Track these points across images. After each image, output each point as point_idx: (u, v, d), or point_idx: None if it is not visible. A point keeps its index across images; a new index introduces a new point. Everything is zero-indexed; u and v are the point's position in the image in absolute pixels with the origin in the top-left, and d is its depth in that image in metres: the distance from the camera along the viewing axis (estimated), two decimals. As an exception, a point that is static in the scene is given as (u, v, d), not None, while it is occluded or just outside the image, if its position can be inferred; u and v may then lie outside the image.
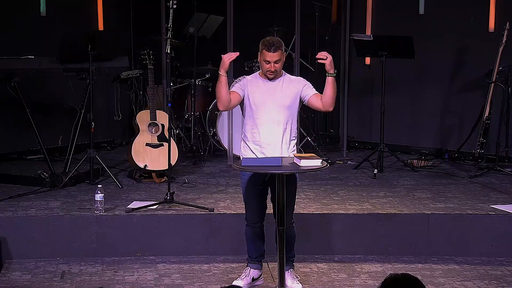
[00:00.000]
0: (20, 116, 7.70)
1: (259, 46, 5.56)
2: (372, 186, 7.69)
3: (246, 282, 5.81)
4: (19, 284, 5.90)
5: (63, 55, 7.92)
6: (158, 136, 7.69)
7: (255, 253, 5.83)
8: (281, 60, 5.52)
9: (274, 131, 5.57)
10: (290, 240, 5.71)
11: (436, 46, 8.94)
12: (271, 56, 5.47)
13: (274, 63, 5.48)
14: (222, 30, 9.00)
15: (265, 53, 5.49)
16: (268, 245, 6.43)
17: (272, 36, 9.08)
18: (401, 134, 9.32)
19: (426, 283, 5.62)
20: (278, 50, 5.47)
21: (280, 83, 5.59)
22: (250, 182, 5.64)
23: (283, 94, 5.57)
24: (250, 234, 5.79)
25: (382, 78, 8.30)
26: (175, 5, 6.96)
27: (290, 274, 5.79)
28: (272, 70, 5.50)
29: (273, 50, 5.47)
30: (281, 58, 5.51)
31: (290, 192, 5.57)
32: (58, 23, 8.78)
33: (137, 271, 6.16)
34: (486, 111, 8.08)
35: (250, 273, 5.84)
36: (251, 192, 5.67)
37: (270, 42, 5.50)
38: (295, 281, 5.78)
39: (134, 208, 6.65)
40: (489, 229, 6.61)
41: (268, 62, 5.49)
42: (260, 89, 5.58)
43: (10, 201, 6.93)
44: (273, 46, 5.47)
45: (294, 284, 5.77)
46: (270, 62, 5.49)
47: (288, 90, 5.58)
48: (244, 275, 5.84)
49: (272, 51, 5.47)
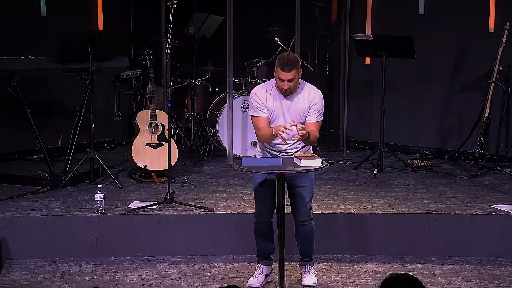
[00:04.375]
0: (20, 116, 7.70)
1: (276, 61, 5.51)
2: (372, 186, 7.68)
3: (261, 280, 5.84)
4: (19, 284, 5.90)
5: (63, 55, 7.92)
6: (158, 136, 7.69)
7: (264, 250, 5.85)
8: (295, 79, 5.46)
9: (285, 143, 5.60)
10: (309, 236, 5.79)
11: (436, 46, 8.94)
12: (285, 75, 5.41)
13: (287, 81, 5.44)
14: (222, 30, 9.00)
15: (279, 71, 5.44)
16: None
17: (272, 36, 9.12)
18: (401, 134, 9.32)
19: (426, 283, 5.64)
20: (293, 70, 5.40)
21: (295, 101, 5.55)
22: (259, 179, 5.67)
23: (296, 111, 5.56)
24: (257, 231, 5.81)
25: (382, 78, 8.30)
26: (175, 5, 6.96)
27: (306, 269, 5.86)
28: (286, 88, 5.46)
29: (287, 70, 5.40)
30: (296, 77, 5.45)
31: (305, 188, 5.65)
32: (58, 23, 8.78)
33: (137, 271, 6.16)
34: (486, 111, 8.08)
35: (263, 270, 5.87)
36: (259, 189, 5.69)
37: (285, 61, 5.42)
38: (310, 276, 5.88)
39: (134, 208, 6.65)
40: (489, 229, 6.61)
41: (282, 80, 5.45)
42: (275, 106, 5.56)
43: (10, 201, 6.93)
44: (288, 65, 5.39)
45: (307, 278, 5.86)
46: (284, 81, 5.44)
47: (303, 107, 5.55)
48: (257, 273, 5.87)
49: (286, 70, 5.41)
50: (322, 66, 9.92)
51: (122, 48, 8.97)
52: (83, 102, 7.78)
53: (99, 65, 8.49)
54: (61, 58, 7.90)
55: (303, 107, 5.54)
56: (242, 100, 8.75)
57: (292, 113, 5.54)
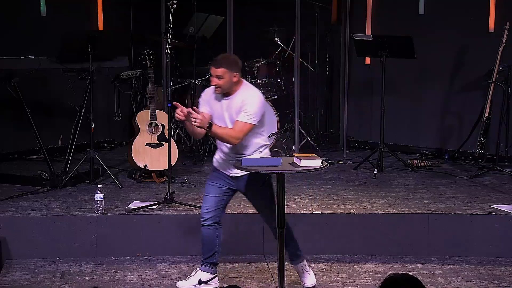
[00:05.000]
0: (20, 116, 7.70)
1: None
2: (372, 186, 7.69)
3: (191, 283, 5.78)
4: (19, 284, 5.90)
5: (63, 55, 7.92)
6: (158, 136, 7.69)
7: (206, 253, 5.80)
8: (224, 79, 5.45)
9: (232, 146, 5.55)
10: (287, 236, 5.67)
11: (436, 46, 8.94)
12: (213, 70, 5.49)
13: (216, 77, 5.47)
14: (222, 30, 9.00)
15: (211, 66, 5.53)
16: (268, 245, 6.45)
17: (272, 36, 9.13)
18: (401, 134, 9.32)
19: (426, 283, 5.63)
20: (221, 67, 5.44)
21: (233, 102, 5.53)
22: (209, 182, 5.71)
23: (231, 111, 5.52)
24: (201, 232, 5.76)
25: (382, 78, 8.30)
26: (175, 5, 6.97)
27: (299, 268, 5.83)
28: (213, 84, 5.50)
29: (215, 66, 5.47)
30: (225, 77, 5.45)
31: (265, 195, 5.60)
32: (58, 23, 8.78)
33: (137, 271, 6.17)
34: (486, 111, 8.08)
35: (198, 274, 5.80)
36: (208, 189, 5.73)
37: (217, 58, 5.54)
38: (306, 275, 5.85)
39: (134, 208, 6.65)
40: (489, 229, 6.61)
41: (211, 75, 5.51)
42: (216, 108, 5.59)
43: (10, 201, 6.93)
44: (217, 62, 5.48)
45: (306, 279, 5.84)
46: (212, 76, 5.49)
47: (236, 107, 5.50)
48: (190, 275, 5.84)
49: (214, 66, 5.48)
50: (322, 66, 9.92)
51: (122, 48, 8.98)
52: (83, 102, 7.78)
53: (99, 65, 8.50)
54: (61, 58, 7.91)
55: (236, 107, 5.50)
56: (242, 100, 8.74)
57: (229, 113, 5.53)
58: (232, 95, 5.54)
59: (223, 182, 5.68)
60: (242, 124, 5.45)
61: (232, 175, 5.63)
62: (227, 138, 5.47)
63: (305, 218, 6.64)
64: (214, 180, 5.73)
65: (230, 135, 5.46)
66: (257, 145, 5.60)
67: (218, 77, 5.47)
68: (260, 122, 5.52)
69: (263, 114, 5.56)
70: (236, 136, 5.45)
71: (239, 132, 5.45)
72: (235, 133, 5.45)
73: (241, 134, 5.46)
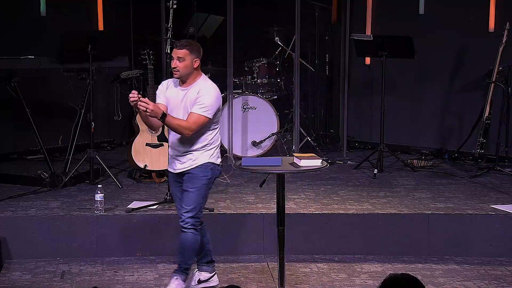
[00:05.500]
0: (20, 116, 7.70)
1: None
2: (372, 186, 7.68)
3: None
4: (19, 284, 5.90)
5: (63, 55, 7.93)
6: (158, 136, 7.68)
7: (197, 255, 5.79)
8: (185, 61, 5.44)
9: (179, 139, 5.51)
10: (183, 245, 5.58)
11: (436, 46, 8.94)
12: (175, 52, 5.48)
13: (177, 59, 5.46)
14: (222, 30, 8.99)
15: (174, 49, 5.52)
16: (268, 245, 6.45)
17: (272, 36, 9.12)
18: (401, 134, 9.32)
19: (426, 283, 5.64)
20: (184, 49, 5.45)
21: (189, 93, 5.50)
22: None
23: (187, 103, 5.48)
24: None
25: (382, 78, 8.30)
26: (175, 5, 6.96)
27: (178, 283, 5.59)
28: (173, 66, 5.47)
29: (178, 47, 5.48)
30: (186, 59, 5.44)
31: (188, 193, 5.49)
32: (58, 23, 8.78)
33: (137, 271, 6.16)
34: (486, 111, 8.08)
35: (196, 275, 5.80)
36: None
37: (181, 40, 5.58)
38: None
39: (134, 208, 6.65)
40: (489, 229, 6.61)
41: (173, 58, 5.49)
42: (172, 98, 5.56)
43: (10, 201, 6.93)
44: (181, 44, 5.49)
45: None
46: (173, 58, 5.48)
47: (191, 98, 5.47)
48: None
49: (177, 47, 5.48)
50: (322, 66, 9.92)
51: (122, 48, 8.98)
52: (83, 102, 7.78)
53: (99, 65, 8.50)
54: (61, 58, 7.92)
55: (192, 98, 5.47)
56: (242, 100, 8.76)
57: (185, 104, 5.49)
58: (189, 86, 5.50)
59: (176, 183, 5.62)
60: (196, 116, 5.40)
61: (176, 171, 5.56)
62: (180, 129, 5.42)
63: (305, 218, 6.64)
64: (172, 185, 5.69)
65: (183, 126, 5.40)
66: (205, 141, 5.50)
67: (179, 59, 5.45)
68: (214, 116, 5.47)
69: (218, 109, 5.50)
70: (189, 127, 5.39)
71: (193, 124, 5.40)
72: (189, 125, 5.40)
73: (195, 126, 5.40)
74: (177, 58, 5.47)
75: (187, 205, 5.51)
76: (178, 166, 5.54)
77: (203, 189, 5.53)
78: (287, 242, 5.51)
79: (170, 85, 5.63)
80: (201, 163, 5.50)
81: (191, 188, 5.50)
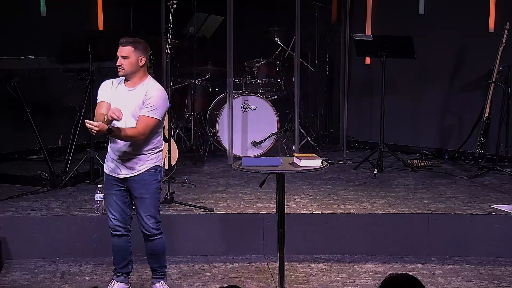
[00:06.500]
0: (20, 116, 7.70)
1: None
2: (372, 186, 7.68)
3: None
4: (19, 284, 5.90)
5: (63, 55, 7.92)
6: (158, 136, 7.67)
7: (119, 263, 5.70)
8: (130, 59, 5.32)
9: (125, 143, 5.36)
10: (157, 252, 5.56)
11: (436, 46, 8.94)
12: (119, 50, 5.35)
13: (121, 57, 5.34)
14: (222, 30, 8.99)
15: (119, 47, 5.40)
16: (268, 245, 6.45)
17: (272, 36, 9.12)
18: (401, 134, 9.32)
19: (426, 283, 5.64)
20: (128, 46, 5.34)
21: (135, 93, 5.34)
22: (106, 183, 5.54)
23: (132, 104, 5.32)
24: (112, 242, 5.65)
25: (382, 78, 8.30)
26: (175, 5, 6.97)
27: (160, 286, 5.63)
28: (118, 63, 5.34)
29: (122, 44, 5.36)
30: (131, 57, 5.32)
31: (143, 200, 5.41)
32: (58, 23, 8.78)
33: (137, 271, 6.16)
34: (486, 111, 8.08)
35: (114, 286, 5.69)
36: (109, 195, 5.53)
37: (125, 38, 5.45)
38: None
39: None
40: (489, 229, 6.61)
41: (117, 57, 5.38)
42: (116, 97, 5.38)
43: (10, 201, 6.93)
44: (125, 41, 5.37)
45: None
46: (118, 57, 5.36)
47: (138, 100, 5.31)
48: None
49: (121, 44, 5.37)
50: (322, 66, 9.92)
51: (122, 48, 8.95)
52: (83, 102, 7.78)
53: (99, 65, 8.47)
54: (61, 58, 7.91)
55: (139, 100, 5.31)
56: (242, 100, 8.76)
57: (130, 106, 5.31)
58: (135, 86, 5.36)
59: (116, 187, 5.46)
60: (148, 119, 5.26)
61: (120, 176, 5.41)
62: (132, 139, 5.28)
63: (305, 218, 6.64)
64: (110, 189, 5.50)
65: (133, 134, 5.24)
66: (152, 145, 5.39)
67: (124, 57, 5.33)
68: (163, 117, 5.37)
69: (166, 111, 5.41)
70: (142, 133, 5.24)
71: (145, 128, 5.25)
72: (139, 131, 5.24)
73: (147, 130, 5.26)
74: (121, 56, 5.34)
75: (147, 212, 5.43)
76: (124, 171, 5.38)
77: (157, 193, 5.47)
78: (287, 242, 5.51)
79: (115, 84, 5.45)
80: (150, 167, 5.40)
81: (146, 195, 5.41)
